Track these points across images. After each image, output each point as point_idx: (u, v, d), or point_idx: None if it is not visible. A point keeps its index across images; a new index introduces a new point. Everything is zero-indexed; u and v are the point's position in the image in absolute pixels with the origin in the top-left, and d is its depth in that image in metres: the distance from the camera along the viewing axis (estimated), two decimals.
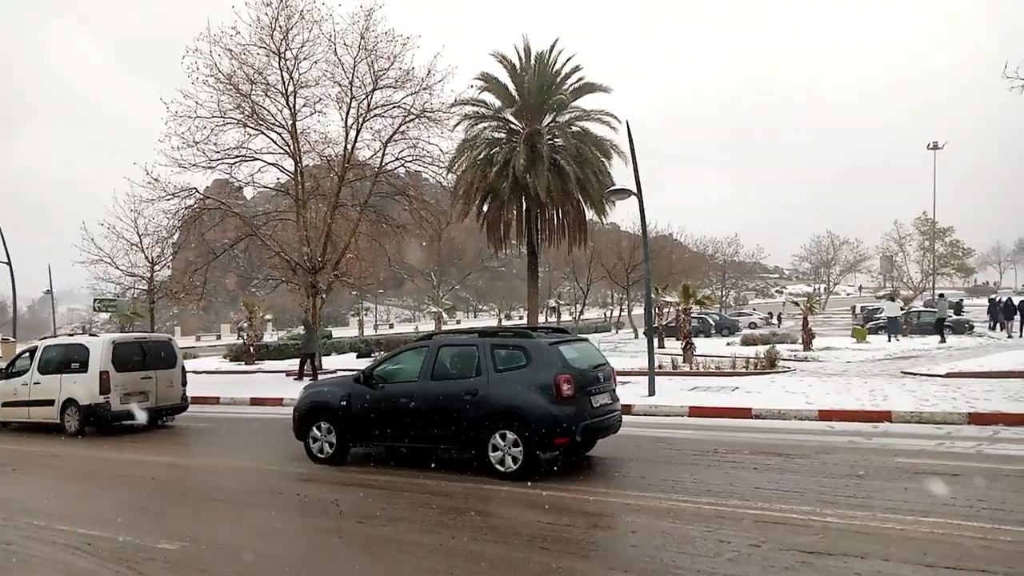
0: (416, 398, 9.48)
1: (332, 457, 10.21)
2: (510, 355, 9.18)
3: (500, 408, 8.87)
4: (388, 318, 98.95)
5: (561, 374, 8.75)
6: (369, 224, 25.75)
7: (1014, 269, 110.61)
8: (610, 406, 9.67)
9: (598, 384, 9.42)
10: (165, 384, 14.92)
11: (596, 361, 9.94)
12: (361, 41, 23.10)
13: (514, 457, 8.75)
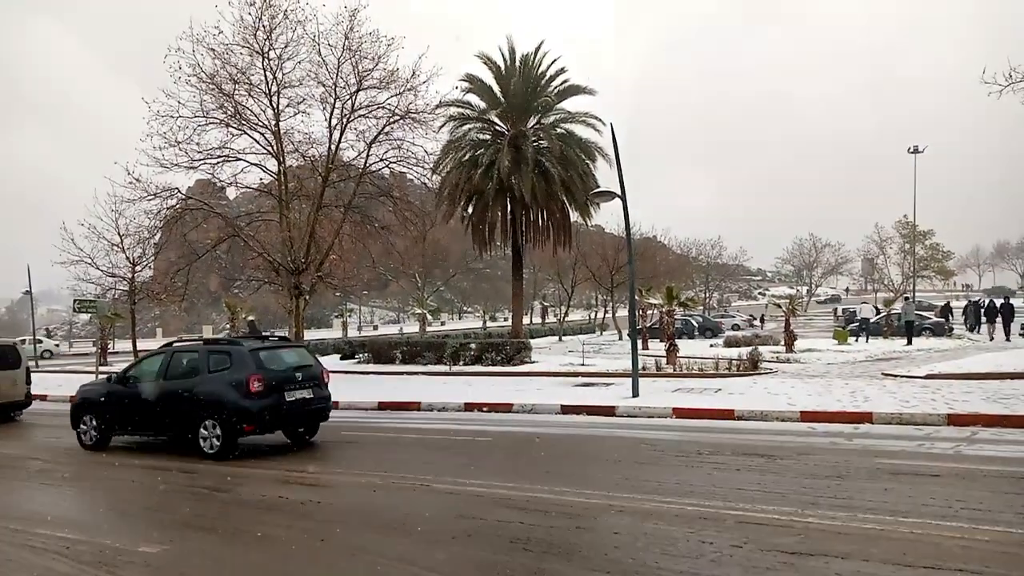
0: (153, 394, 11.64)
1: (96, 444, 12.42)
2: (219, 359, 11.31)
3: (206, 402, 11.02)
4: (372, 320, 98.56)
5: (253, 374, 10.94)
6: (353, 225, 25.61)
7: (992, 272, 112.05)
8: (308, 399, 11.80)
9: (294, 382, 11.64)
10: (9, 384, 17.14)
11: (298, 364, 12.10)
12: (345, 41, 22.98)
13: (215, 441, 10.92)
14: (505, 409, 15.52)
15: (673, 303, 25.28)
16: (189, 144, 22.72)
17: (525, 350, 25.21)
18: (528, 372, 22.49)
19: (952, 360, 20.84)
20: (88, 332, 76.55)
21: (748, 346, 25.45)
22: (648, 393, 15.76)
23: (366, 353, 28.33)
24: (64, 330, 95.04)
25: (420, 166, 25.20)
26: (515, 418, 14.70)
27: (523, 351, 25.05)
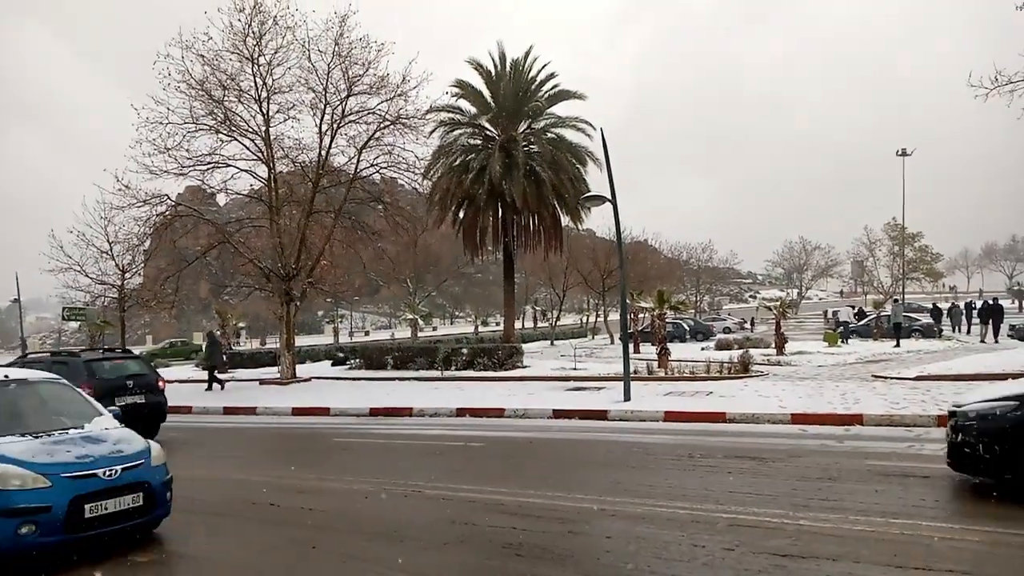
0: None
1: None
2: (61, 369, 11.88)
3: None
4: (364, 325, 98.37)
5: (84, 382, 12.04)
6: (344, 231, 25.60)
7: (981, 274, 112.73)
8: (140, 404, 13.67)
9: (125, 389, 13.60)
10: None
11: (131, 373, 14.22)
12: (335, 47, 23.02)
13: None
14: (497, 414, 15.51)
15: (664, 307, 25.31)
16: (179, 150, 22.71)
17: (517, 355, 25.20)
18: (520, 376, 22.49)
19: (941, 361, 20.97)
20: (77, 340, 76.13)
21: (739, 349, 25.54)
22: (640, 397, 15.78)
23: (357, 359, 28.26)
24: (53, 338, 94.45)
25: (411, 171, 25.27)
26: (507, 423, 14.69)
27: (515, 356, 25.04)
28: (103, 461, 6.44)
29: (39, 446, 6.45)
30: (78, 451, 6.49)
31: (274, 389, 22.74)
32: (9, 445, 6.34)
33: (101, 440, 6.83)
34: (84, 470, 6.26)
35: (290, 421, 16.99)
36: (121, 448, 6.77)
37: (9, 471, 6.00)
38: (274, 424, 16.54)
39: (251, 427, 16.19)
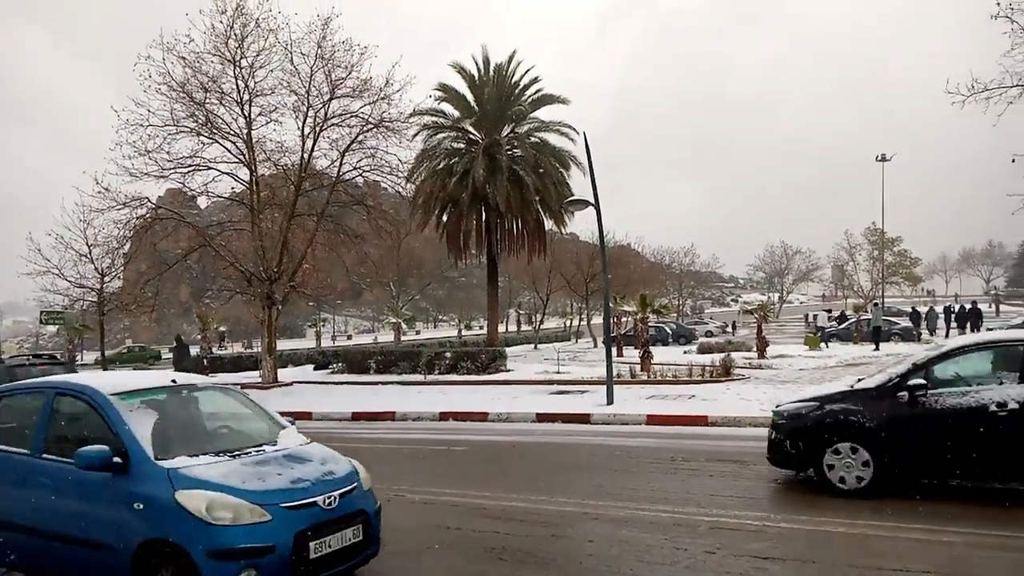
0: None
1: None
2: None
3: None
4: (346, 329, 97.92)
5: None
6: (326, 234, 25.50)
7: (959, 278, 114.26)
8: None
9: None
10: None
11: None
12: (318, 50, 22.96)
13: None
14: (480, 418, 15.50)
15: (647, 310, 25.42)
16: (159, 153, 22.57)
17: (500, 358, 25.20)
18: (503, 380, 22.47)
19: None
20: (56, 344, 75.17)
21: (721, 352, 25.67)
22: (623, 400, 15.82)
23: (340, 363, 28.12)
24: (31, 342, 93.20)
25: (394, 175, 25.24)
26: (490, 427, 14.68)
27: (498, 359, 25.04)
28: (319, 486, 5.15)
29: (242, 468, 5.11)
30: (288, 474, 5.17)
31: (255, 394, 22.50)
32: (207, 468, 4.98)
33: (306, 459, 5.54)
34: (303, 498, 4.97)
35: None
36: (331, 469, 5.47)
37: (217, 500, 4.70)
38: None
39: None
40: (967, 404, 7.22)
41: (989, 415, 7.05)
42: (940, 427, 7.29)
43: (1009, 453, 7.04)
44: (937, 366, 7.72)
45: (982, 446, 7.08)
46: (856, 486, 7.52)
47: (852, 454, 7.60)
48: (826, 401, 8.07)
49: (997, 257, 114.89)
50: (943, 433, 7.26)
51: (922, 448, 7.41)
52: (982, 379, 7.49)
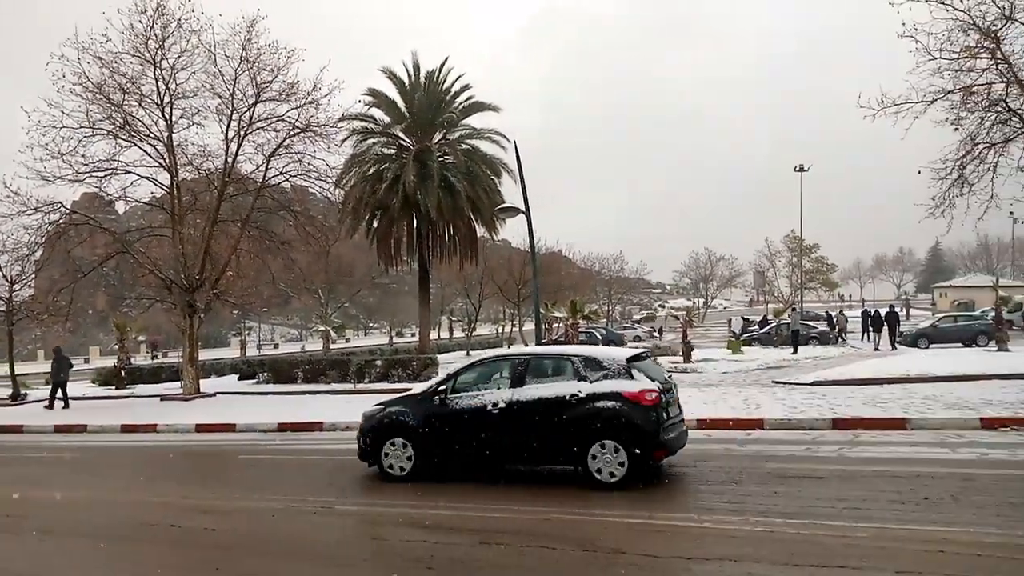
0: None
1: None
2: None
3: None
4: (273, 338, 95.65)
5: None
6: (251, 240, 24.88)
7: (872, 284, 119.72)
8: None
9: None
10: None
11: None
12: (243, 52, 22.41)
13: None
14: None
15: (577, 316, 25.80)
16: (74, 156, 21.64)
17: (432, 366, 25.06)
18: None
19: (836, 367, 22.14)
20: None
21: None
22: None
23: (266, 373, 27.44)
24: None
25: (322, 180, 24.79)
26: None
27: (430, 367, 24.89)
28: None
29: None
30: None
31: (176, 405, 21.79)
32: None
33: None
34: None
35: (193, 438, 16.31)
36: None
37: None
38: (176, 442, 15.84)
39: (151, 445, 15.45)
40: (473, 404, 9.32)
41: (487, 412, 9.16)
42: (457, 422, 9.34)
43: (501, 441, 9.12)
44: (462, 376, 9.82)
45: (483, 435, 9.19)
46: (402, 473, 9.54)
47: (403, 448, 9.58)
48: (388, 404, 10.12)
49: (907, 263, 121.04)
50: (459, 426, 9.33)
51: (447, 440, 9.38)
52: (487, 385, 9.59)
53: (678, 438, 9.20)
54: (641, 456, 8.44)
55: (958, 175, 15.95)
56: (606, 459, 8.50)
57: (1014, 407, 12.42)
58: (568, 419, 8.75)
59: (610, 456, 8.49)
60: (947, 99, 15.65)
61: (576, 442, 8.63)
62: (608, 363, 9.07)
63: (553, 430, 8.80)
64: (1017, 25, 15.09)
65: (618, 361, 9.11)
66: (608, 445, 8.50)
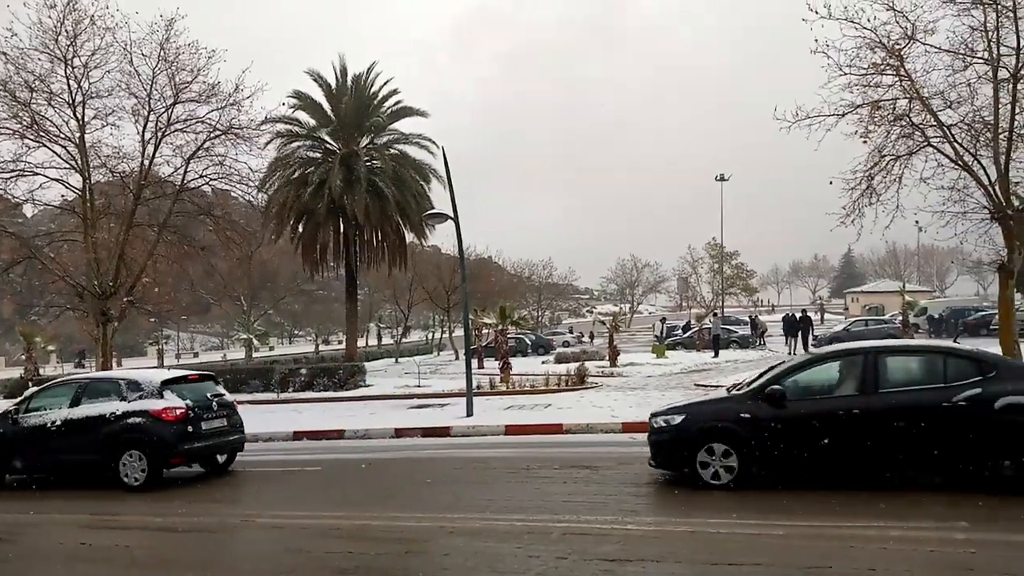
0: None
1: None
2: None
3: None
4: (193, 346, 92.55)
5: None
6: (169, 246, 23.99)
7: (789, 289, 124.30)
8: None
9: None
10: None
11: None
12: (161, 52, 21.62)
13: None
14: (336, 436, 15.12)
15: (506, 322, 25.86)
16: None
17: (359, 373, 24.74)
18: (362, 396, 22.07)
19: (754, 370, 22.86)
20: None
21: (576, 362, 26.50)
22: (482, 412, 15.97)
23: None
24: None
25: (245, 183, 24.12)
26: (347, 444, 14.37)
27: (357, 375, 24.57)
28: None
29: None
30: None
31: None
32: None
33: None
34: None
35: None
36: None
37: None
38: None
39: None
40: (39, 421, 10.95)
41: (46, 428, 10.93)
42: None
43: (59, 453, 10.91)
44: (34, 400, 11.40)
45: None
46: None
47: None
48: None
49: (822, 269, 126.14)
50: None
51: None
52: (52, 404, 11.08)
53: (214, 447, 11.00)
54: (159, 463, 10.22)
55: (867, 186, 16.75)
56: (132, 466, 10.16)
57: None
58: (106, 433, 10.34)
59: (136, 463, 10.15)
60: (856, 113, 16.45)
61: (112, 451, 10.23)
62: (145, 385, 10.61)
63: (95, 442, 10.34)
64: (919, 45, 16.01)
65: (153, 383, 10.62)
66: (135, 454, 10.16)
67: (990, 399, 7.45)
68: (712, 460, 8.14)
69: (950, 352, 8.30)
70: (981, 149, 16.22)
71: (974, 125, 16.19)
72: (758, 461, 8.11)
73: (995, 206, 16.06)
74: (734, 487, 7.97)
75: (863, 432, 7.73)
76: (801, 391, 8.29)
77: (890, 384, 7.93)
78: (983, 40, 15.64)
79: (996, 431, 7.36)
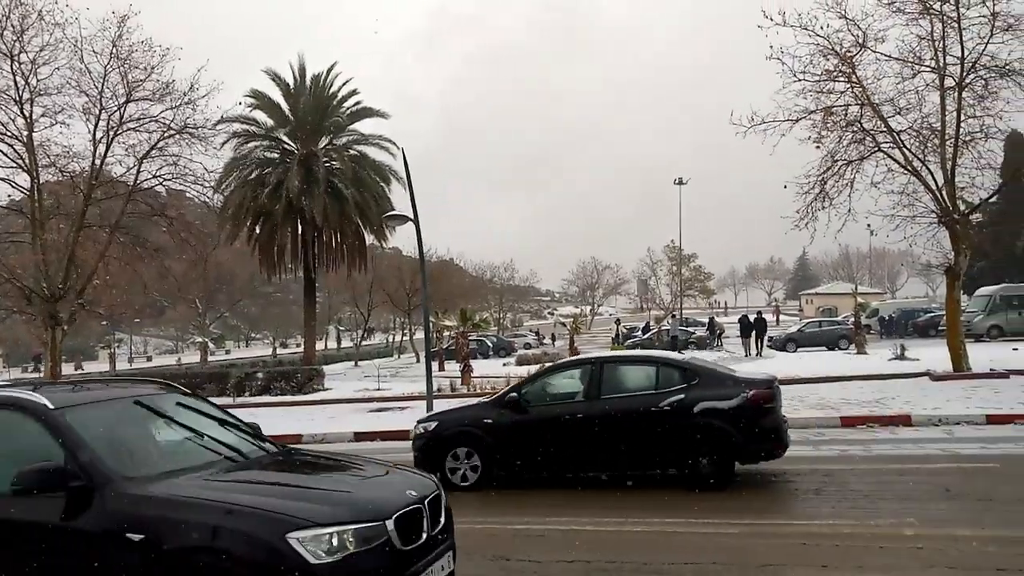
0: None
1: None
2: None
3: None
4: (146, 350, 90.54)
5: None
6: (121, 247, 23.43)
7: (746, 291, 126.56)
8: None
9: None
10: None
11: None
12: (113, 49, 21.11)
13: None
14: (294, 440, 14.84)
15: (467, 324, 25.86)
16: None
17: (318, 377, 24.49)
18: (321, 400, 21.84)
19: None
20: None
21: (537, 363, 26.58)
22: None
23: None
24: None
25: (200, 184, 23.69)
26: (305, 449, 14.15)
27: (315, 378, 24.31)
28: None
29: None
30: None
31: None
32: None
33: None
34: None
35: None
36: None
37: None
38: None
39: None
40: None
41: None
42: None
43: None
44: None
45: None
46: None
47: None
48: None
49: (777, 272, 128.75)
50: None
51: None
52: None
53: None
54: None
55: (820, 190, 17.15)
56: None
57: (870, 406, 13.43)
58: None
59: None
60: (810, 118, 16.85)
61: None
62: None
63: None
64: (870, 52, 16.46)
65: None
66: None
67: (691, 404, 8.23)
68: (459, 463, 8.88)
69: (663, 362, 9.10)
70: (929, 155, 16.74)
71: (922, 131, 16.71)
72: (499, 463, 8.82)
73: (942, 210, 16.59)
74: (479, 488, 8.70)
75: (588, 434, 8.45)
76: (542, 397, 9.05)
77: (611, 391, 8.72)
78: (930, 49, 16.17)
79: (695, 432, 8.13)
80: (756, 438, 8.08)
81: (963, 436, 10.60)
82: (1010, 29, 15.32)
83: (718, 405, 8.14)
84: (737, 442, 8.00)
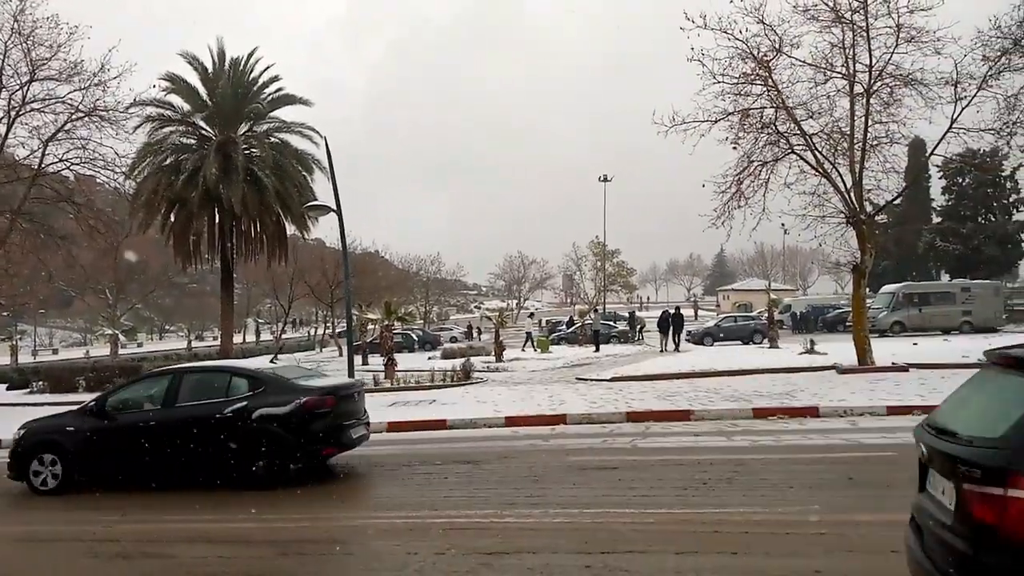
0: None
1: None
2: None
3: None
4: (52, 342, 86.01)
5: None
6: (24, 234, 22.19)
7: (666, 286, 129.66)
8: None
9: None
10: None
11: None
12: (15, 24, 19.93)
13: None
14: None
15: (392, 317, 25.53)
16: None
17: None
18: None
19: (632, 364, 23.75)
20: None
21: (463, 357, 26.56)
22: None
23: (41, 382, 24.61)
24: None
25: (111, 169, 22.65)
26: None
27: None
28: None
29: None
30: None
31: None
32: None
33: None
34: None
35: None
36: None
37: None
38: None
39: None
40: None
41: None
42: None
43: None
44: None
45: None
46: None
47: None
48: None
49: (696, 268, 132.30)
50: None
51: None
52: None
53: None
54: None
55: (736, 189, 17.68)
56: None
57: (780, 398, 13.95)
58: None
59: None
60: (728, 120, 17.34)
61: None
62: None
63: None
64: (785, 57, 17.05)
65: None
66: None
67: (251, 411, 8.88)
68: (43, 469, 9.28)
69: (235, 372, 9.69)
70: (839, 158, 17.50)
71: (833, 135, 17.45)
72: (81, 468, 9.29)
73: (850, 211, 17.38)
74: (61, 492, 9.20)
75: (163, 441, 9.01)
76: (129, 404, 9.55)
77: (186, 399, 9.27)
78: (842, 56, 16.89)
79: (253, 438, 8.82)
80: (310, 440, 8.89)
81: (866, 427, 11.13)
82: (912, 40, 16.13)
83: (274, 411, 8.84)
84: (290, 444, 8.79)
